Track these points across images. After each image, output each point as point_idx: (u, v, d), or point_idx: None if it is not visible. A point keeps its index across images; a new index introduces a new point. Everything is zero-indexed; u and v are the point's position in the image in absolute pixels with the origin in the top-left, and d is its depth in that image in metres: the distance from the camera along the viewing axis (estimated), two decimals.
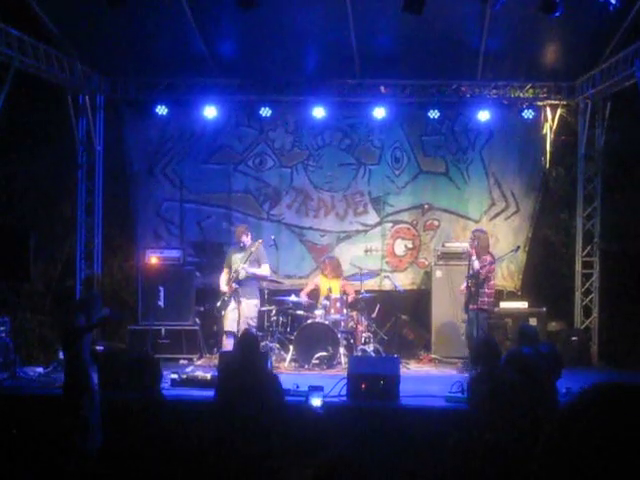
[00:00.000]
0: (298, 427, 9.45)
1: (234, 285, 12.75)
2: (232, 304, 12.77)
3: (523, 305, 13.98)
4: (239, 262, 12.84)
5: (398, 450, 9.26)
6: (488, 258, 12.34)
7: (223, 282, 13.07)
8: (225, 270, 13.18)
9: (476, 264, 12.23)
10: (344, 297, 13.44)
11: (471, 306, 12.23)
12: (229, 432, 7.31)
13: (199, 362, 13.26)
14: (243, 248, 12.97)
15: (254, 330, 12.26)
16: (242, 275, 12.73)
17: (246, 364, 8.17)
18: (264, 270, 13.03)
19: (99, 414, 8.47)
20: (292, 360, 12.96)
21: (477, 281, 12.23)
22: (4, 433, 9.37)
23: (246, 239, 13.02)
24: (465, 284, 12.47)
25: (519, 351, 8.43)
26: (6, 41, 11.04)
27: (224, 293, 12.88)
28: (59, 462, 8.46)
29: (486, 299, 12.28)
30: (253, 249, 12.80)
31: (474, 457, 6.79)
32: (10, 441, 9.14)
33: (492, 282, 12.46)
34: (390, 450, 9.19)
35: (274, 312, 13.45)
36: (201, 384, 10.40)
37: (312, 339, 12.81)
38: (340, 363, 12.68)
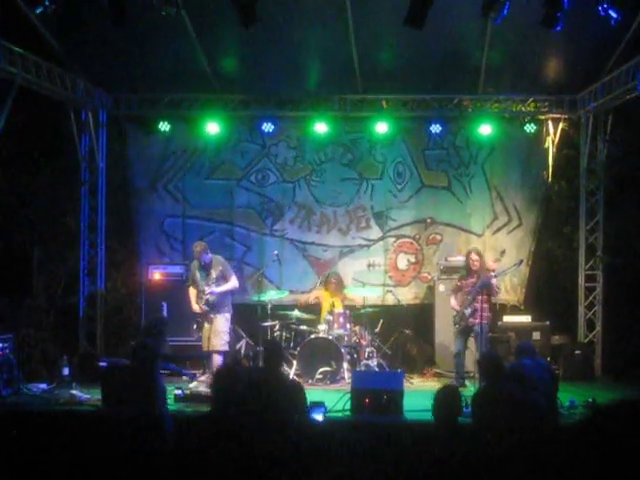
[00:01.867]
0: (300, 441, 9.44)
1: (205, 308, 12.46)
2: (205, 324, 12.54)
3: (526, 319, 13.96)
4: (202, 283, 12.56)
5: (402, 465, 9.24)
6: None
7: (193, 300, 12.69)
8: (192, 286, 12.84)
9: (494, 280, 12.34)
10: (347, 312, 13.44)
11: (477, 320, 12.30)
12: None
13: (202, 378, 13.20)
14: (204, 266, 12.63)
15: (227, 346, 12.28)
16: (212, 299, 12.45)
17: (269, 374, 8.16)
18: (232, 283, 12.63)
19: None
20: (295, 375, 12.94)
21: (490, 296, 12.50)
22: (8, 449, 9.36)
23: (205, 256, 12.59)
24: (470, 300, 12.48)
25: (519, 363, 8.44)
26: (9, 58, 11.08)
27: (197, 314, 12.62)
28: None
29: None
30: (216, 266, 12.57)
31: (477, 469, 6.78)
32: (13, 456, 9.12)
33: None
34: (394, 465, 9.17)
35: (277, 327, 13.47)
36: (205, 400, 10.36)
37: (315, 354, 12.82)
38: (344, 378, 12.69)
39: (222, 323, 12.50)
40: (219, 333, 12.41)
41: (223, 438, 6.85)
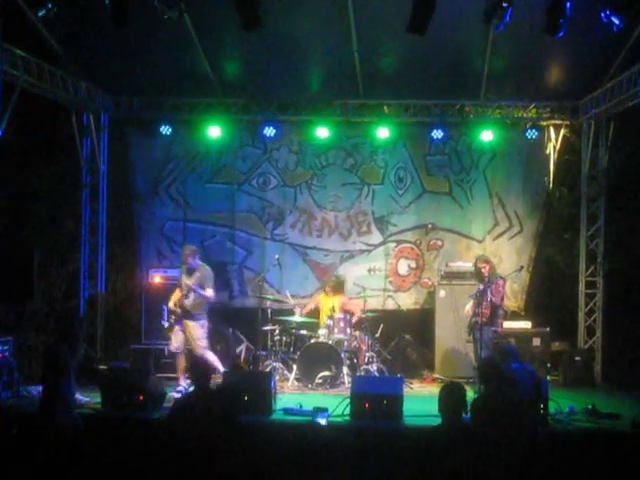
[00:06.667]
0: (302, 446, 9.45)
1: (177, 310, 12.33)
2: (176, 326, 12.37)
3: (527, 325, 13.93)
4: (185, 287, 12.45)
5: (401, 470, 9.24)
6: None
7: (171, 301, 12.51)
8: (177, 290, 12.65)
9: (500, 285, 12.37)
10: (347, 317, 13.42)
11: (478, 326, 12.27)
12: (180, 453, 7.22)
13: None
14: (190, 271, 12.47)
15: (204, 351, 12.20)
16: (187, 304, 12.30)
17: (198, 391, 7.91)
18: (207, 292, 12.38)
19: None
20: (295, 379, 12.94)
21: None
22: (6, 451, 9.35)
23: (192, 261, 12.48)
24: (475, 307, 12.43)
25: (507, 367, 8.42)
26: (11, 61, 11.07)
27: (173, 313, 12.41)
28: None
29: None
30: (197, 274, 12.39)
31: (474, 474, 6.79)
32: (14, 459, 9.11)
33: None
34: (393, 470, 9.17)
35: (277, 332, 13.43)
36: None
37: (315, 359, 12.79)
38: (343, 383, 12.67)
39: (196, 330, 12.34)
40: (194, 339, 12.30)
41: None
